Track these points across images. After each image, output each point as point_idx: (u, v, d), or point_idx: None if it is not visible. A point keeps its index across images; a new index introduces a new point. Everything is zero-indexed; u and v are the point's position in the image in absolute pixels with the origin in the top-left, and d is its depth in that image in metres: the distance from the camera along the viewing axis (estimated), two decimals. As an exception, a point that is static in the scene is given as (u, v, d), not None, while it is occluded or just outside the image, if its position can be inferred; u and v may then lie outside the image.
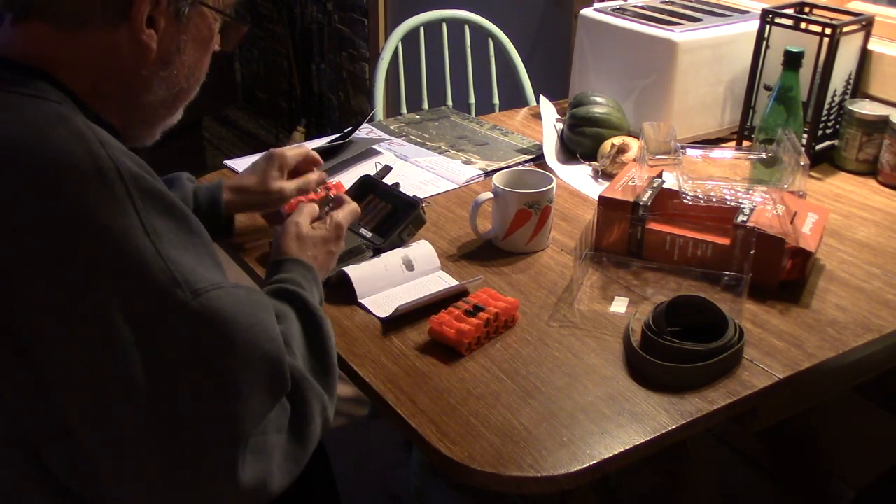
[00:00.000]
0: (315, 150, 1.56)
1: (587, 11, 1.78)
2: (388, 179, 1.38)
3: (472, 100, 2.15)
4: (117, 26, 0.84)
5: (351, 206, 1.17)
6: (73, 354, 0.75)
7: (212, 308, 0.78)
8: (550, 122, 1.74)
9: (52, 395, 0.76)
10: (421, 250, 1.25)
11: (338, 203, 1.17)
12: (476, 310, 1.09)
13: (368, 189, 1.36)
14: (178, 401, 0.77)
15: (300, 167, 1.27)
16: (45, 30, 0.83)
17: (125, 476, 0.77)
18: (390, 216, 1.30)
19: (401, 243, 1.27)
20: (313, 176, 1.27)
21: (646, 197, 1.27)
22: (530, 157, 1.65)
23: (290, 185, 1.24)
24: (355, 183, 1.37)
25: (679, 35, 1.61)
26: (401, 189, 1.34)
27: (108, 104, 0.87)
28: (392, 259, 1.22)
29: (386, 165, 1.41)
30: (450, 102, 2.09)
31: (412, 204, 1.29)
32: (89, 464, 0.77)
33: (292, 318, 0.95)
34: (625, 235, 1.27)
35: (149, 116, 0.93)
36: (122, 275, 0.75)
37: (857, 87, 1.67)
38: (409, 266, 1.22)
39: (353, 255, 1.23)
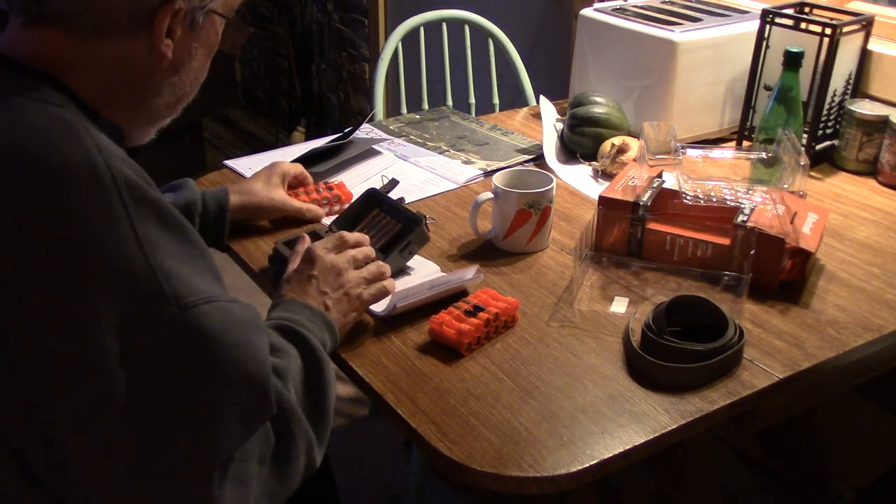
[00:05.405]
0: (315, 150, 1.58)
1: (587, 11, 1.78)
2: (395, 192, 1.33)
3: (472, 100, 2.15)
4: (137, 36, 0.84)
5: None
6: (56, 361, 0.74)
7: (197, 323, 0.77)
8: (550, 122, 1.74)
9: (37, 401, 0.75)
10: (418, 261, 1.26)
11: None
12: (476, 310, 1.09)
13: (374, 203, 1.30)
14: (156, 415, 0.76)
15: (293, 182, 1.42)
16: (60, 36, 0.82)
17: (103, 484, 0.77)
18: (395, 233, 1.25)
19: (401, 261, 1.22)
20: (317, 212, 1.38)
21: (646, 197, 1.27)
22: (530, 157, 1.65)
23: (292, 201, 1.36)
24: (361, 196, 1.32)
25: (679, 35, 1.61)
26: (406, 204, 1.29)
27: (116, 108, 0.88)
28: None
29: (392, 179, 1.36)
30: (450, 102, 2.09)
31: (415, 220, 1.22)
32: (75, 472, 0.77)
33: (294, 355, 0.93)
34: (625, 235, 1.27)
35: (152, 118, 0.94)
36: (109, 283, 0.75)
37: (857, 87, 1.67)
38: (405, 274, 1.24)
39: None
